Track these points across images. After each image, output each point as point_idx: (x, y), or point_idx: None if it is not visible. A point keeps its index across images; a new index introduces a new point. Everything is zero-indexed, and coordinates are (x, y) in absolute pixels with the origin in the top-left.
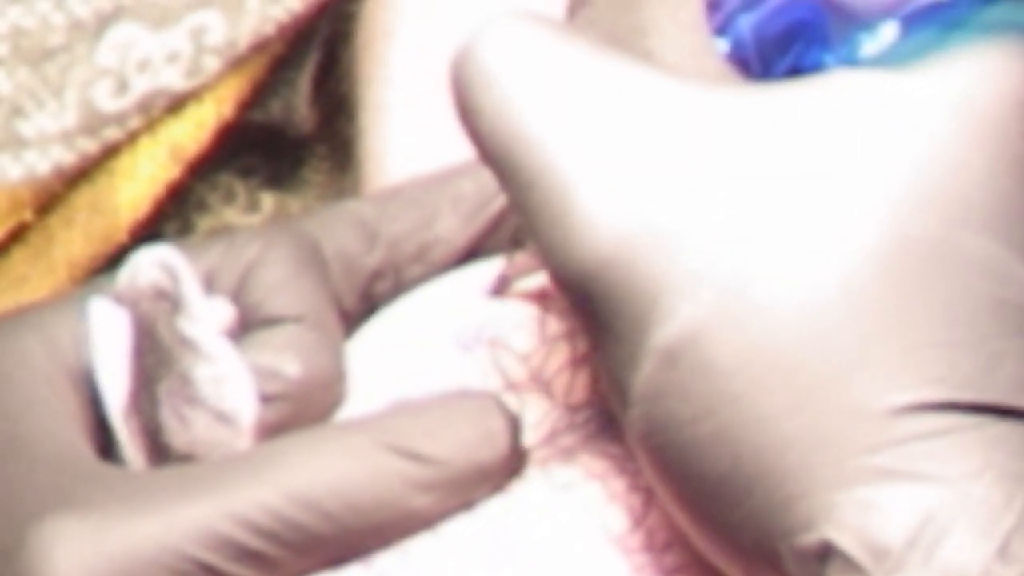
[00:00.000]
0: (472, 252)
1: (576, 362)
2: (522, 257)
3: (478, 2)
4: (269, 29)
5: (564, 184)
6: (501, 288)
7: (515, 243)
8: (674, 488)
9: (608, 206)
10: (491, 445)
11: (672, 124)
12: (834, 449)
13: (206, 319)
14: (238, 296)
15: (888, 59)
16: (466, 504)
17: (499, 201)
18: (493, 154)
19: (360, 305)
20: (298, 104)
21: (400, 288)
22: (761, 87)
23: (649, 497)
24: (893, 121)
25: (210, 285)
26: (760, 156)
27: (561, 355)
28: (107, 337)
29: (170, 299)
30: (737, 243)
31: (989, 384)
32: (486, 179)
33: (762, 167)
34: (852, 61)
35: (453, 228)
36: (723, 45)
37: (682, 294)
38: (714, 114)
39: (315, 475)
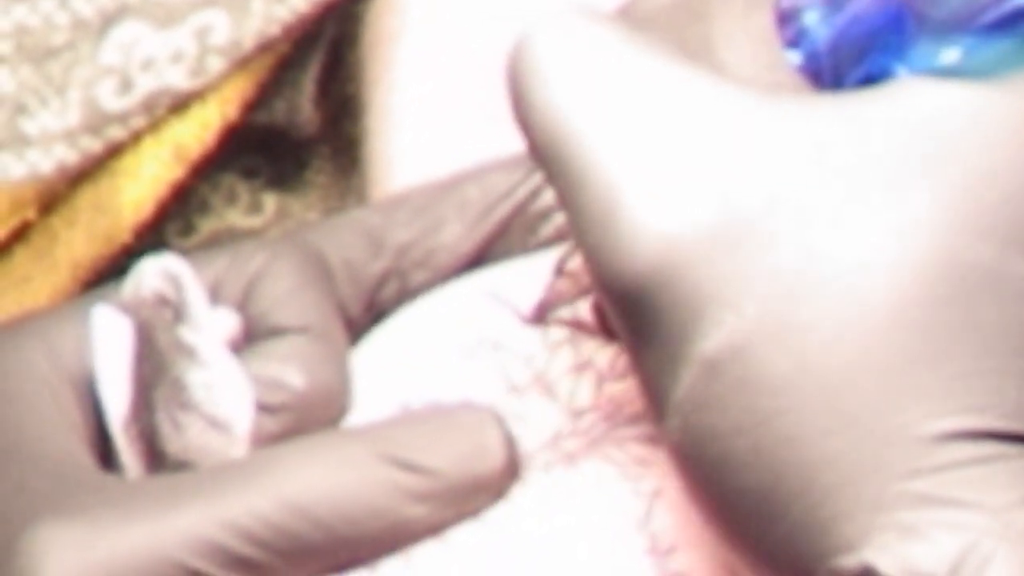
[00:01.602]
0: (478, 258)
1: (580, 367)
2: (562, 283)
3: (484, 5)
4: (274, 30)
5: (612, 186)
6: (540, 315)
7: (557, 270)
8: (709, 500)
9: (657, 211)
10: (486, 458)
11: (727, 131)
12: (876, 472)
13: (209, 328)
14: (243, 307)
15: (965, 70)
16: (459, 516)
17: (505, 207)
18: (542, 150)
19: (366, 313)
20: (302, 105)
21: (406, 295)
22: (823, 96)
23: (652, 502)
24: (957, 137)
25: (215, 295)
26: (815, 166)
27: (565, 360)
28: (109, 345)
29: (173, 307)
30: (786, 255)
31: None
32: (492, 184)
33: (816, 178)
34: (929, 70)
35: (459, 234)
36: (795, 58)
37: (728, 305)
38: (770, 122)
39: (308, 483)
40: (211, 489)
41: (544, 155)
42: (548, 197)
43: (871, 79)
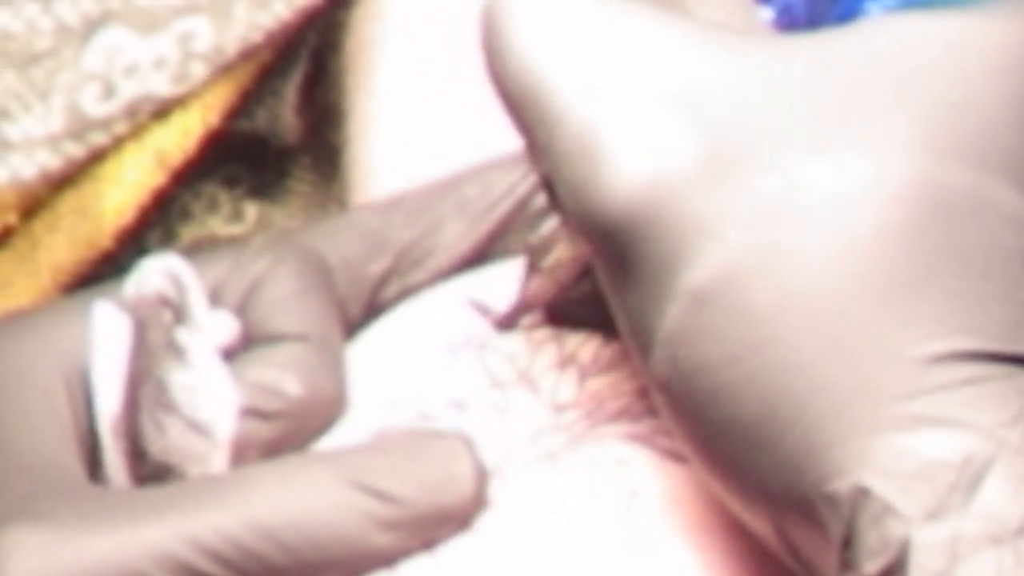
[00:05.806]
0: (478, 257)
1: (563, 362)
2: (537, 282)
3: (466, 11)
4: (257, 37)
5: (592, 126)
6: (514, 318)
7: (531, 267)
8: (700, 434)
9: (637, 148)
10: (455, 488)
11: (703, 67)
12: (869, 395)
13: (208, 331)
14: (243, 311)
15: (935, 2)
16: (426, 544)
17: (505, 205)
18: (518, 98)
19: (365, 313)
20: (284, 113)
21: (406, 295)
22: (796, 36)
23: (632, 500)
24: (931, 66)
25: (216, 298)
26: (792, 100)
27: (548, 356)
28: (107, 343)
29: (173, 308)
30: (768, 185)
31: (1021, 335)
32: (491, 183)
33: (794, 111)
34: (900, 5)
35: (459, 233)
36: (767, 13)
37: (712, 236)
38: (748, 58)
39: (276, 505)
40: (181, 505)
41: (520, 104)
42: None
43: (846, 20)
